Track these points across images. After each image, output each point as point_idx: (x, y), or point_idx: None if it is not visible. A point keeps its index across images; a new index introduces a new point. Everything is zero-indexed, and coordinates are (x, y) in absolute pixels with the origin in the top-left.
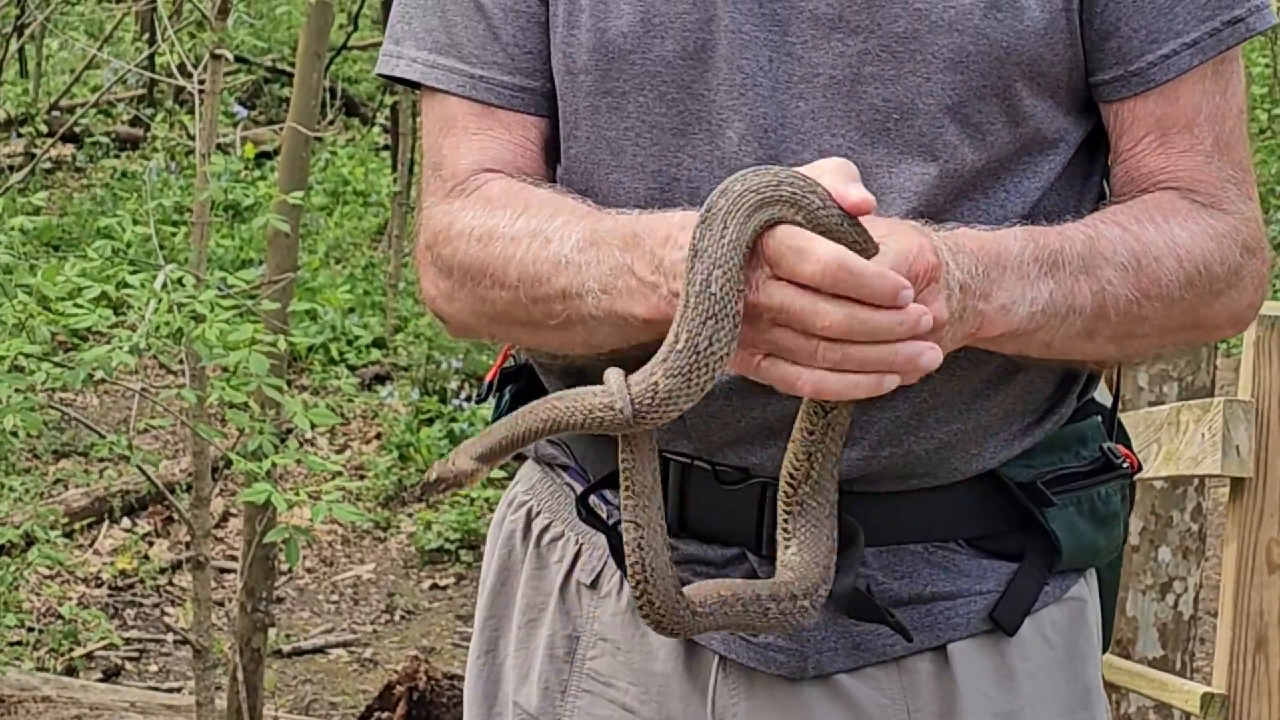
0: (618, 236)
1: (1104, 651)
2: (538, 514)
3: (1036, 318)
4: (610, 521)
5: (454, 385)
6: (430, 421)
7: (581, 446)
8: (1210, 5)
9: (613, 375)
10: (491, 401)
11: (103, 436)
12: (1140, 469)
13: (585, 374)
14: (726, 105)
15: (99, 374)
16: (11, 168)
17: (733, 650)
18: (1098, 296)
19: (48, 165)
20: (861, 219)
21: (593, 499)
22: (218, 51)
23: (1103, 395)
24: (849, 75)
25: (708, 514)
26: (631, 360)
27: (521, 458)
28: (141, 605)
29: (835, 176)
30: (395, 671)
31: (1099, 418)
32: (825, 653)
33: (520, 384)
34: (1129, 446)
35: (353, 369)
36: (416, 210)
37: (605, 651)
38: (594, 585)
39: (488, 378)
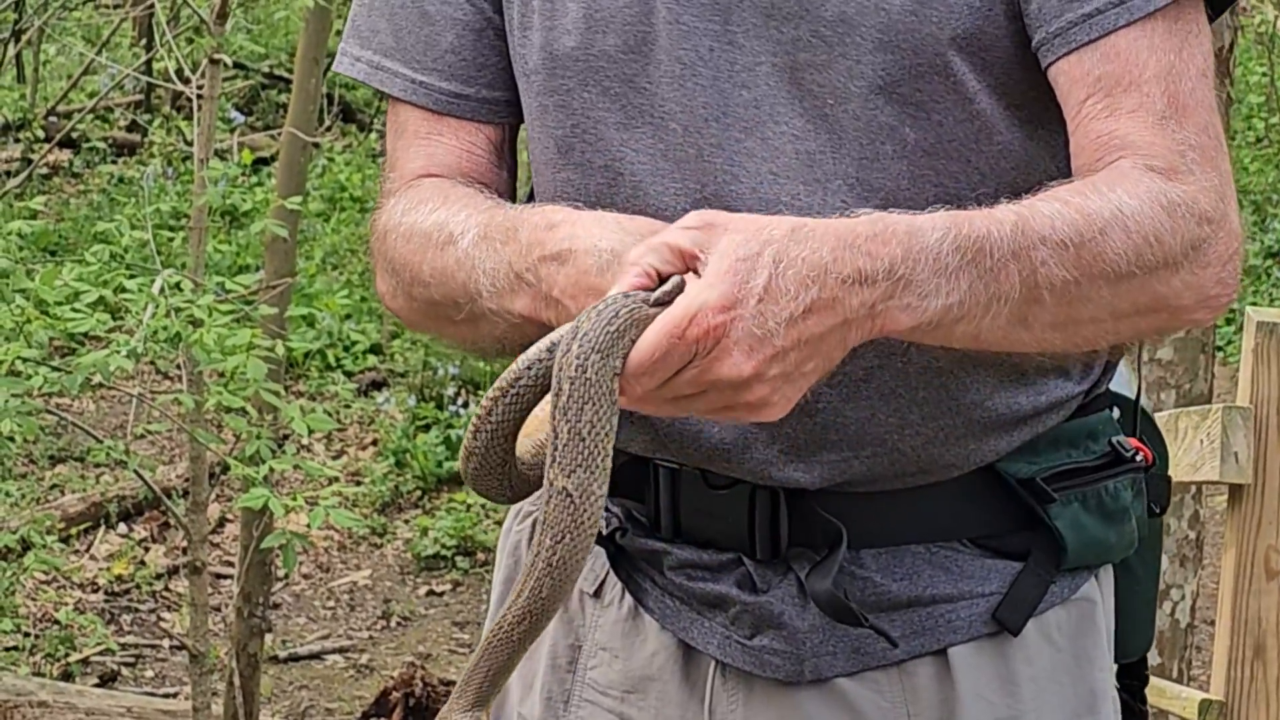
0: (501, 231)
1: (1145, 653)
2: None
3: (952, 310)
4: (608, 530)
5: (451, 391)
6: (427, 428)
7: None
8: None
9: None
10: None
11: (100, 441)
12: (1154, 463)
13: None
14: (669, 97)
15: (96, 379)
16: (9, 173)
17: (729, 655)
18: (1028, 280)
19: (45, 170)
20: (720, 217)
21: None
22: (215, 57)
23: (1121, 386)
24: (788, 63)
25: (699, 518)
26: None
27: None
28: (138, 610)
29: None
30: (391, 678)
31: (1114, 411)
32: (823, 656)
33: None
34: (1156, 439)
35: (349, 375)
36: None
37: (604, 661)
38: (597, 594)
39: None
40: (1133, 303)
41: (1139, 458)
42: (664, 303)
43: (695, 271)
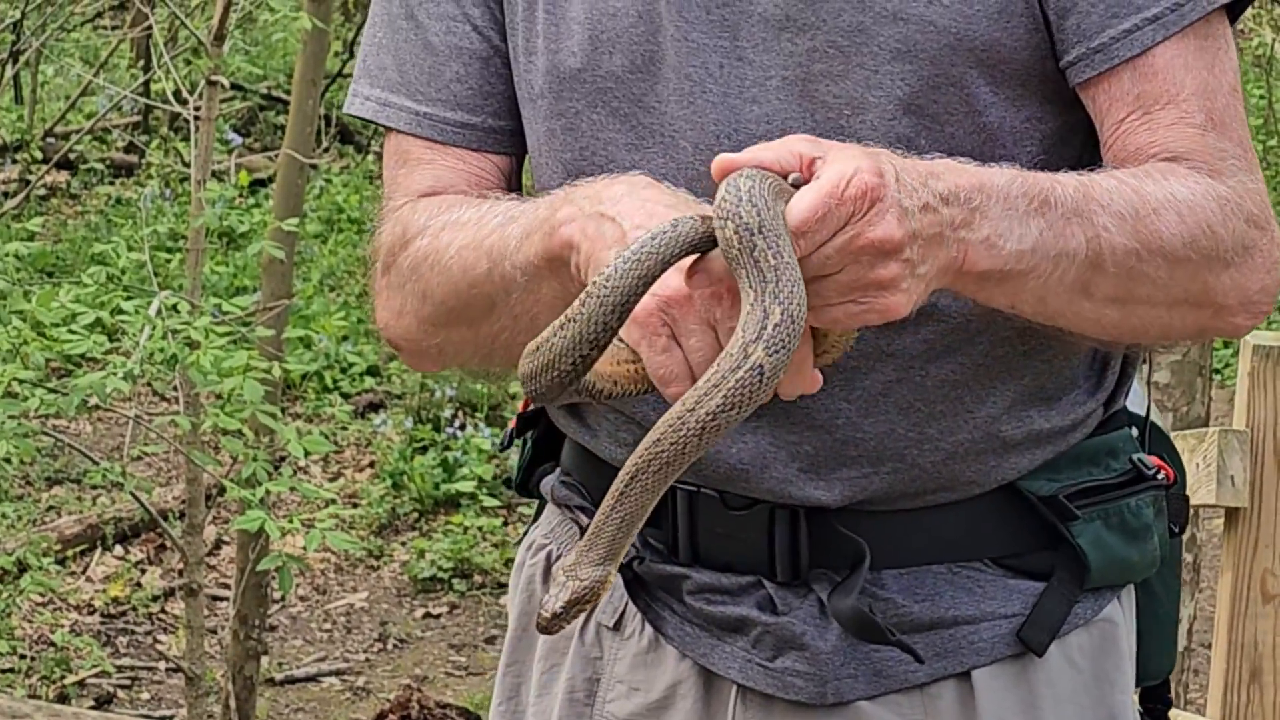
0: (557, 200)
1: (1168, 674)
2: (558, 557)
3: (1026, 257)
4: (625, 559)
5: (448, 413)
6: (424, 450)
7: (597, 480)
8: None
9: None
10: (516, 446)
11: (96, 463)
12: (1176, 481)
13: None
14: (678, 115)
15: (93, 400)
16: (6, 194)
17: (751, 678)
18: (1092, 243)
19: (42, 192)
20: (809, 141)
21: None
22: (213, 78)
23: (1133, 405)
24: (800, 75)
25: (718, 542)
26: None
27: (541, 499)
28: (134, 633)
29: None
30: (388, 700)
31: (1133, 429)
32: (845, 679)
33: (539, 429)
34: (1171, 456)
35: (346, 396)
36: (371, 244)
37: (622, 694)
38: (616, 627)
39: (510, 425)
40: (1185, 289)
41: (1160, 476)
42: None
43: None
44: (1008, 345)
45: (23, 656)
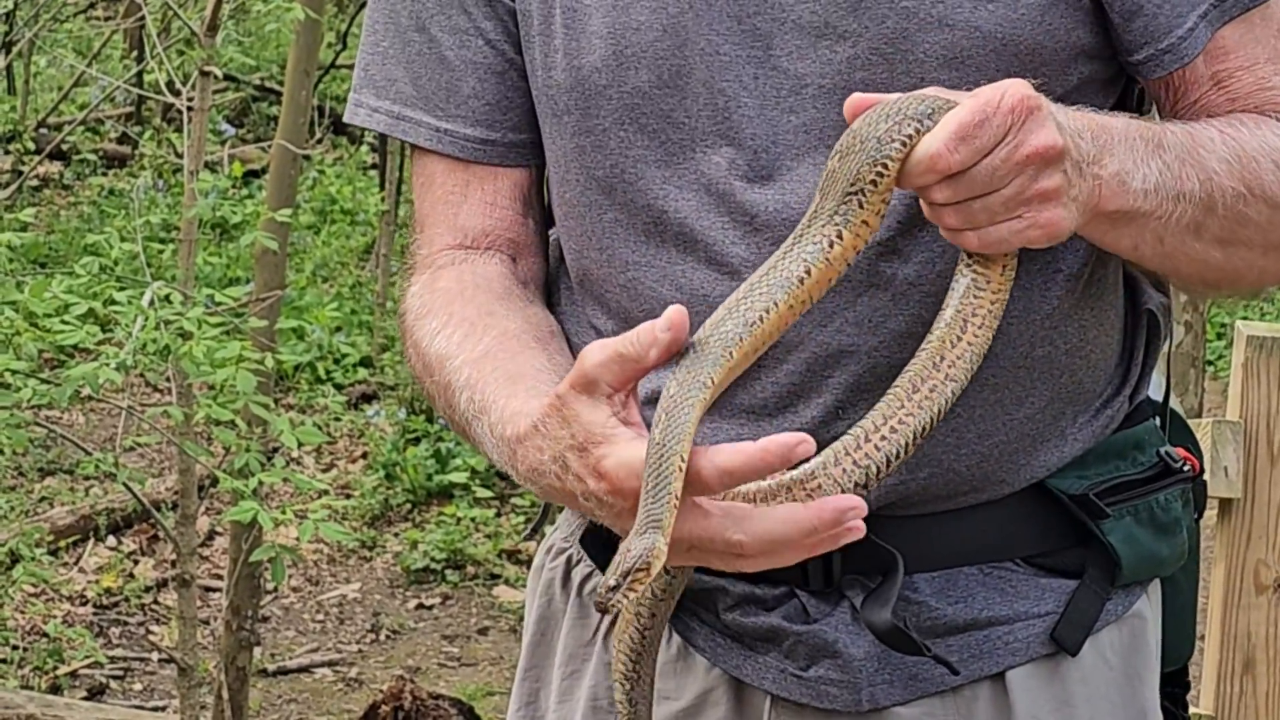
0: (484, 423)
1: (1189, 659)
2: (578, 562)
3: (1150, 196)
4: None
5: None
6: (417, 441)
7: None
8: None
9: None
10: None
11: (89, 454)
12: (1202, 472)
13: None
14: (710, 130)
15: (85, 391)
16: None
17: (784, 688)
18: (1205, 185)
19: (35, 182)
20: (943, 91)
21: None
22: (206, 69)
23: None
24: (840, 83)
25: None
26: None
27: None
28: (126, 624)
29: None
30: (380, 691)
31: (1156, 419)
32: (879, 685)
33: None
34: (1191, 443)
35: (339, 388)
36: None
37: (653, 702)
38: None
39: None
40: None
41: (1187, 468)
42: None
43: None
44: (1048, 345)
45: (15, 647)
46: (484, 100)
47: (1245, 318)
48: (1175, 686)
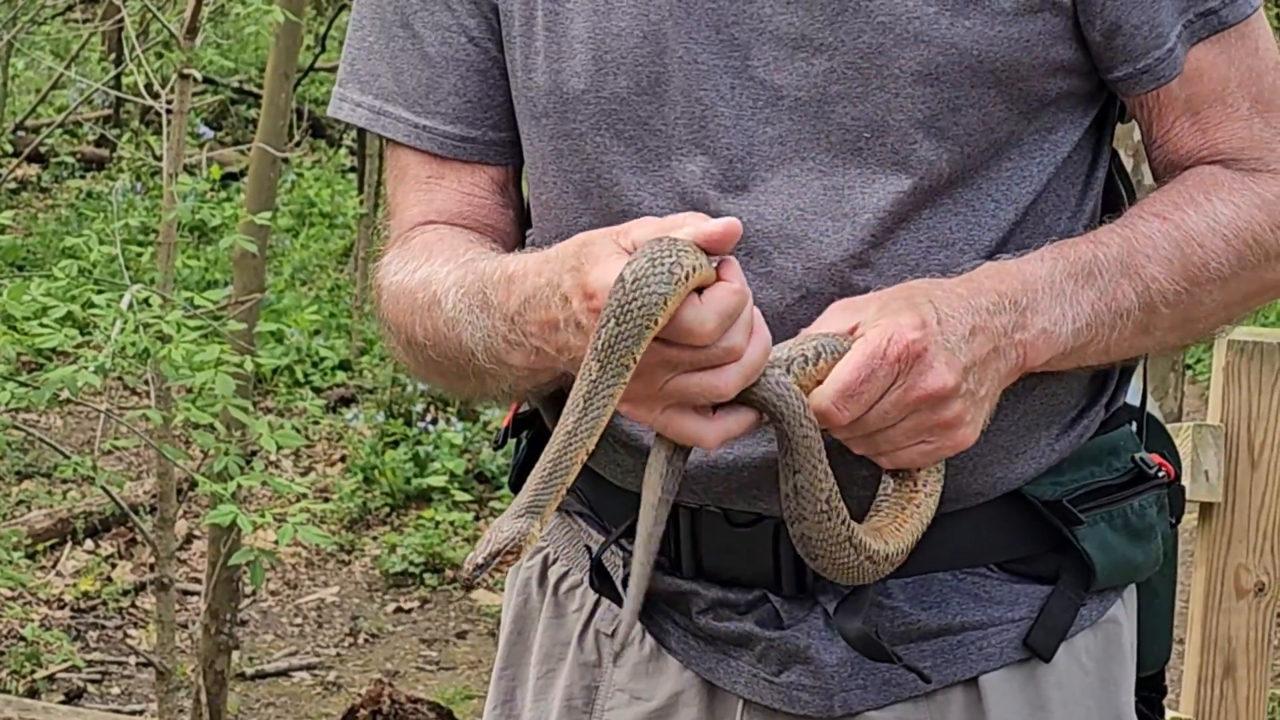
0: (477, 298)
1: (1165, 664)
2: (554, 561)
3: (1083, 332)
4: (626, 571)
5: (419, 408)
6: (396, 444)
7: (597, 493)
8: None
9: None
10: (510, 447)
11: (67, 457)
12: (1177, 477)
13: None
14: (686, 139)
15: (64, 394)
16: None
17: (757, 693)
18: (1144, 296)
19: (13, 185)
20: (854, 299)
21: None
22: (185, 72)
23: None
24: (816, 96)
25: (723, 558)
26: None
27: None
28: (104, 627)
29: (692, 221)
30: (359, 695)
31: (1133, 425)
32: (853, 690)
33: (535, 429)
34: (1168, 449)
35: (318, 391)
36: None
37: (622, 702)
38: (614, 634)
39: (503, 424)
40: (1242, 294)
41: (1162, 474)
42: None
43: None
44: None
45: None
46: (465, 97)
47: None
48: (1151, 691)
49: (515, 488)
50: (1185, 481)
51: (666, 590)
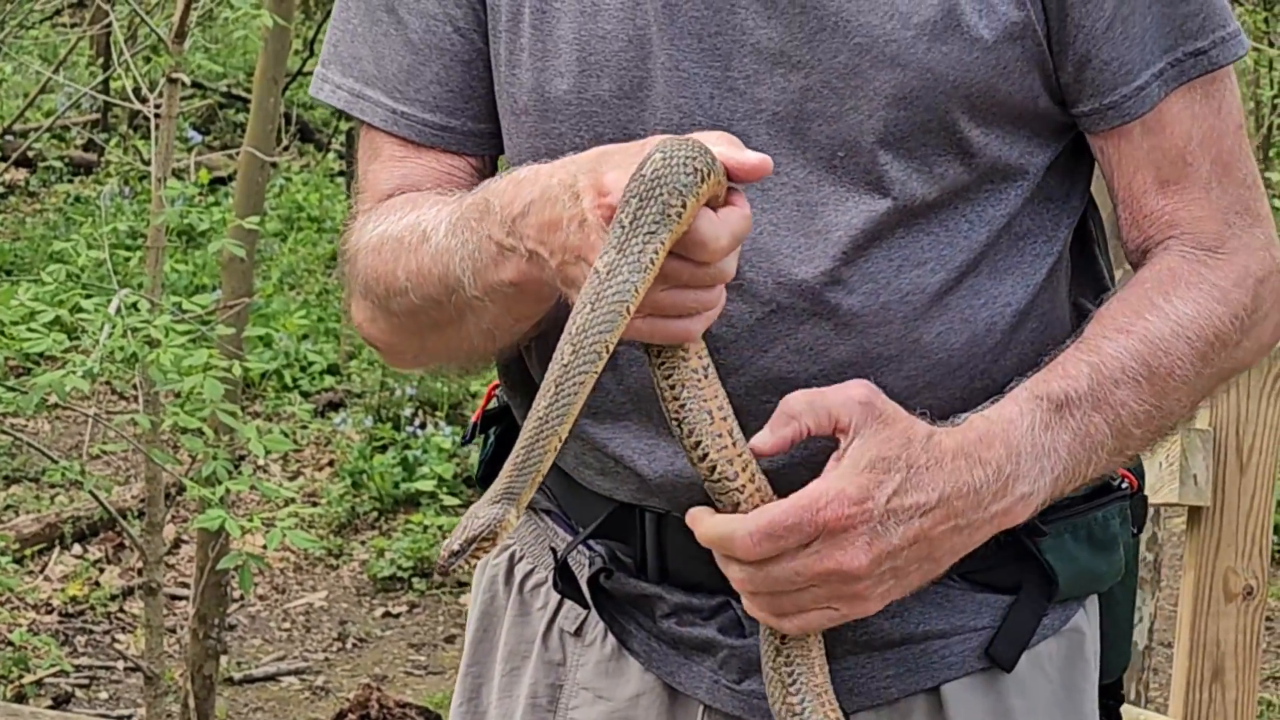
0: (474, 210)
1: (1123, 673)
2: (520, 559)
3: (1060, 479)
4: (592, 571)
5: (408, 412)
6: (384, 448)
7: (566, 492)
8: (1174, 34)
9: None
10: (476, 442)
11: (55, 462)
12: (1140, 489)
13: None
14: None
15: (52, 399)
16: None
17: (718, 699)
18: (1115, 424)
19: (0, 190)
20: (864, 401)
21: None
22: (173, 76)
23: None
24: (793, 111)
25: (688, 563)
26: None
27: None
28: (92, 632)
29: (726, 140)
30: (347, 699)
31: None
32: None
33: (504, 425)
34: (1136, 463)
35: (306, 395)
36: (341, 242)
37: (586, 701)
38: (578, 633)
39: (473, 419)
40: (1208, 388)
41: (1125, 486)
42: None
43: (837, 441)
44: (987, 378)
45: None
46: (446, 86)
47: None
48: (1109, 699)
49: (484, 484)
50: (1174, 486)
51: (631, 593)
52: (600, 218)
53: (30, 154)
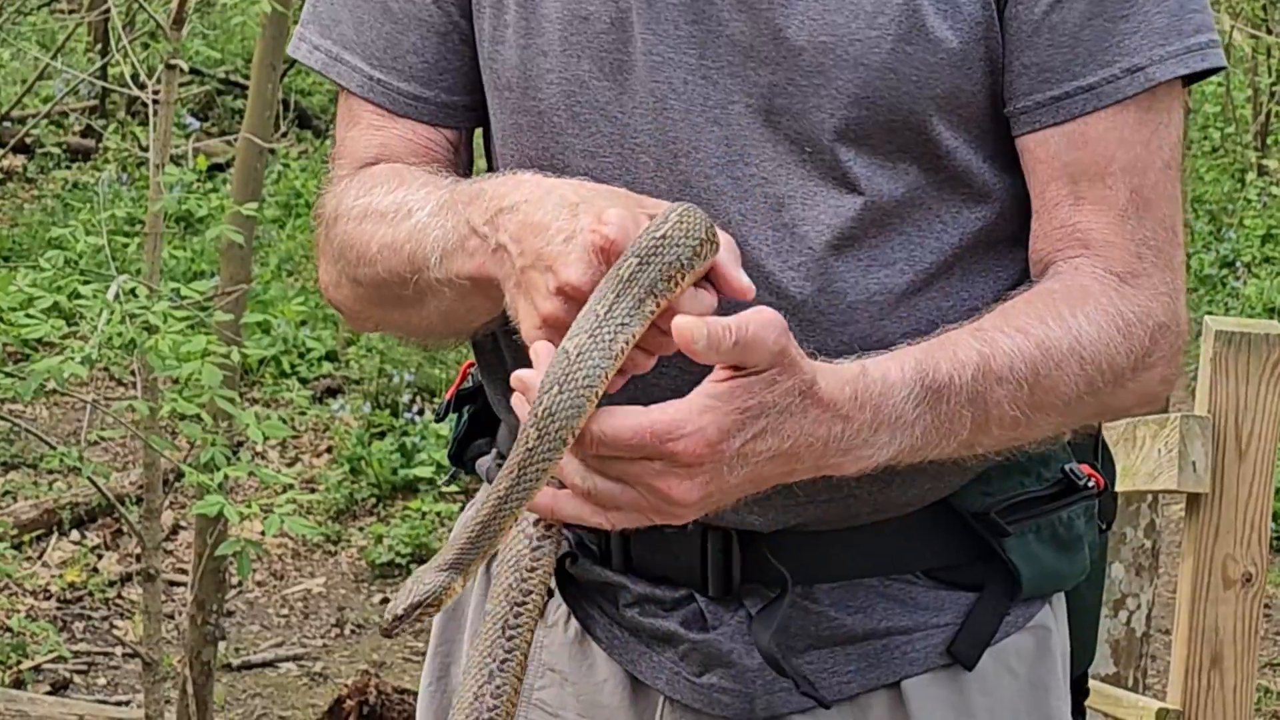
0: (465, 195)
1: (1088, 667)
2: None
3: (899, 454)
4: (558, 556)
5: (406, 399)
6: (382, 435)
7: None
8: (1111, 50)
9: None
10: (450, 420)
11: (53, 448)
12: (1106, 488)
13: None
14: (641, 129)
15: (50, 385)
16: None
17: (678, 691)
18: (979, 419)
19: None
20: (778, 341)
21: None
22: (172, 62)
23: None
24: (763, 105)
25: (652, 554)
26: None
27: (475, 476)
28: (90, 618)
29: (728, 255)
30: (345, 686)
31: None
32: (776, 694)
33: (478, 404)
34: (1105, 457)
35: (305, 381)
36: (315, 207)
37: (553, 682)
38: (541, 614)
39: (445, 396)
40: (1080, 418)
41: (1091, 484)
42: None
43: (736, 369)
44: None
45: None
46: (423, 58)
47: (1211, 312)
48: (1075, 693)
49: (455, 460)
50: (1173, 472)
51: (595, 580)
52: (590, 242)
53: (28, 140)
